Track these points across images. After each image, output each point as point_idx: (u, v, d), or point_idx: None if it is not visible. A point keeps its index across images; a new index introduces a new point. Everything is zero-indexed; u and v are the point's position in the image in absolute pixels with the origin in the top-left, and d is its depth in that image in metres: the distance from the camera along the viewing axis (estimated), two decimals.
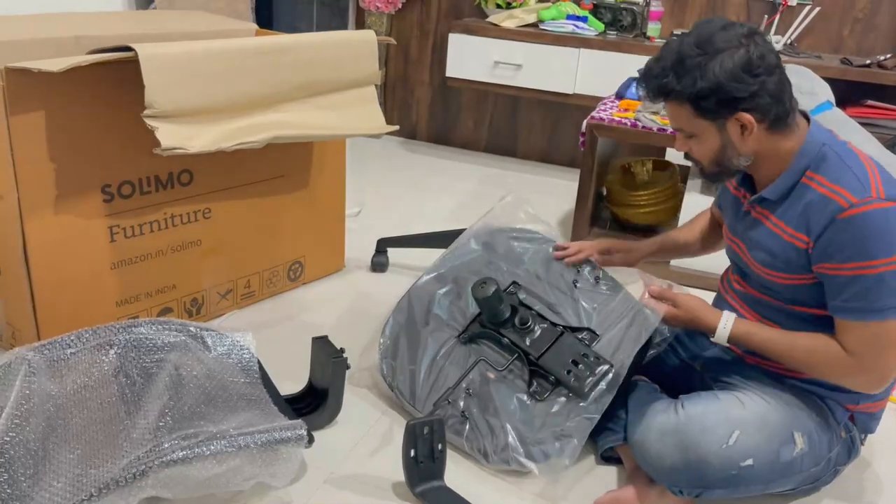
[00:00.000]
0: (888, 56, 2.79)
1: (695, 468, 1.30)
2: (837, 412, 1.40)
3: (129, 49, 1.48)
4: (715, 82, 1.24)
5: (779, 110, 1.29)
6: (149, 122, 1.48)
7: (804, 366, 1.35)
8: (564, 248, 1.69)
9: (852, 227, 1.23)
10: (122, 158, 1.66)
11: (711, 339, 1.42)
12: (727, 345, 1.42)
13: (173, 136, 1.53)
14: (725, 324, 1.39)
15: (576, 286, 1.64)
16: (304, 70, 1.76)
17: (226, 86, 1.63)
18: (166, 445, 1.25)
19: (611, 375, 1.48)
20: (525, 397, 1.51)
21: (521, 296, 1.64)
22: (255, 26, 2.24)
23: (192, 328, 1.55)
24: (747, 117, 1.27)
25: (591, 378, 1.47)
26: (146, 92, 1.46)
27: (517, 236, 1.76)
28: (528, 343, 1.55)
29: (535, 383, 1.52)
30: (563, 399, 1.49)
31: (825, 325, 1.33)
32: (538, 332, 1.57)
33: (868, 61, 2.77)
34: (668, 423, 1.35)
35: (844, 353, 1.29)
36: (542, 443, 1.45)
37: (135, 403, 1.40)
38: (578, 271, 1.67)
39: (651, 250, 1.70)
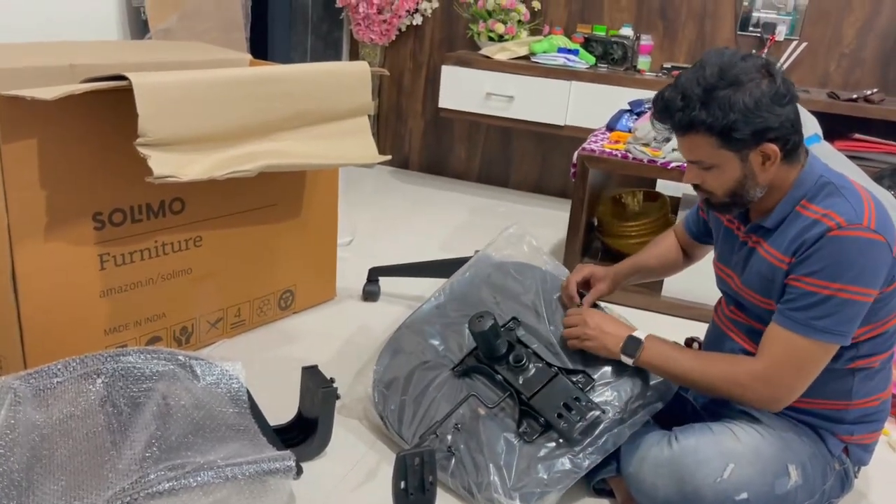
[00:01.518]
0: (874, 91, 2.83)
1: (689, 501, 1.29)
2: (831, 443, 1.40)
3: (123, 78, 1.49)
4: (746, 113, 1.23)
5: (796, 140, 1.30)
6: (141, 150, 1.48)
7: (713, 377, 1.35)
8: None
9: (834, 246, 1.24)
10: (114, 186, 1.66)
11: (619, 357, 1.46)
12: (628, 362, 1.46)
13: (166, 165, 1.53)
14: (626, 356, 1.44)
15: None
16: (298, 100, 1.77)
17: (219, 115, 1.64)
18: (152, 476, 1.23)
19: (602, 422, 1.45)
20: (513, 437, 1.48)
21: (520, 333, 1.62)
22: (250, 56, 2.25)
23: (180, 357, 1.53)
24: (773, 147, 1.27)
25: (580, 423, 1.44)
26: (139, 120, 1.46)
27: (519, 270, 1.75)
28: (520, 382, 1.53)
29: (524, 423, 1.50)
30: (552, 444, 1.46)
31: None
32: (532, 372, 1.54)
33: (855, 95, 2.81)
34: (662, 455, 1.34)
35: (757, 364, 1.31)
36: (524, 488, 1.42)
37: (121, 433, 1.38)
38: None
39: (628, 272, 1.70)
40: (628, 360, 1.45)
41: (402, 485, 1.38)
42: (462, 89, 3.24)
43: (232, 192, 1.89)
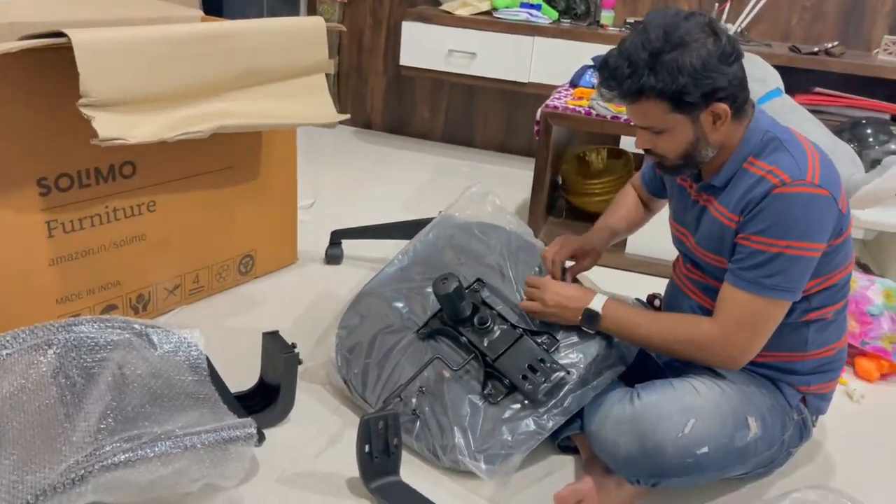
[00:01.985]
0: (835, 44, 2.83)
1: (651, 457, 1.30)
2: (789, 394, 1.42)
3: (62, 35, 1.41)
4: (695, 75, 1.21)
5: (744, 97, 1.29)
6: (85, 111, 1.42)
7: (673, 338, 1.37)
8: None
9: (779, 203, 1.24)
10: (59, 150, 1.59)
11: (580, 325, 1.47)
12: (591, 329, 1.46)
13: (112, 127, 1.47)
14: (598, 302, 1.44)
15: None
16: (250, 57, 1.71)
17: (167, 73, 1.57)
18: (107, 448, 1.20)
19: (567, 384, 1.45)
20: (478, 399, 1.47)
21: (485, 294, 1.61)
22: (201, 13, 2.17)
23: (136, 325, 1.50)
24: (723, 107, 1.26)
25: (545, 385, 1.44)
26: (81, 79, 1.40)
27: (483, 230, 1.72)
28: (485, 344, 1.52)
29: (489, 385, 1.49)
30: (516, 406, 1.46)
31: None
32: (497, 334, 1.53)
33: (816, 49, 2.81)
34: (624, 413, 1.35)
35: (710, 325, 1.33)
36: (489, 449, 1.42)
37: (75, 405, 1.34)
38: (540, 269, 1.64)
39: (608, 240, 1.69)
40: (590, 331, 1.47)
41: (367, 448, 1.37)
42: (423, 46, 3.17)
43: (185, 155, 1.82)
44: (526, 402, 1.46)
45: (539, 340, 1.51)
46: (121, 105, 1.50)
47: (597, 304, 1.44)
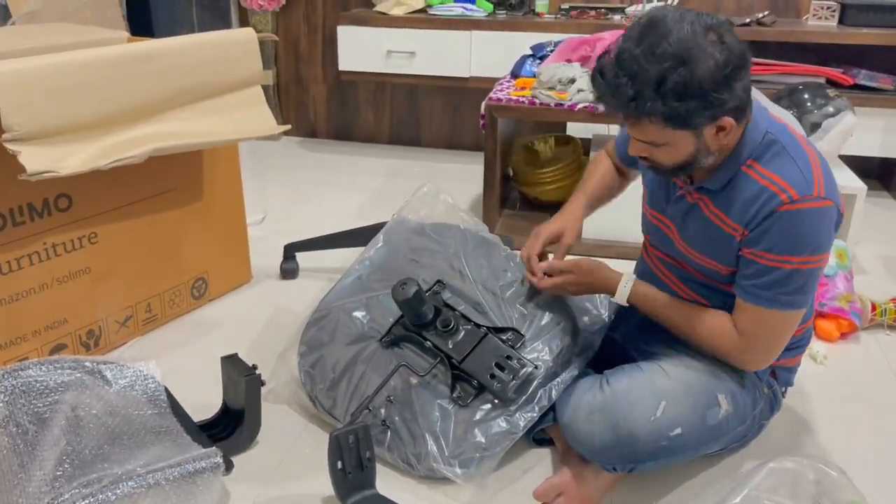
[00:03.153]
0: (766, 13, 2.88)
1: (626, 444, 1.29)
2: (759, 371, 1.42)
3: None
4: (704, 97, 1.13)
5: (748, 104, 1.22)
6: (9, 146, 1.36)
7: (695, 335, 1.36)
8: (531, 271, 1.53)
9: (788, 221, 1.21)
10: None
11: (611, 299, 1.45)
12: (626, 304, 1.42)
13: (40, 160, 1.41)
14: (626, 283, 1.40)
15: (506, 278, 1.58)
16: (180, 75, 1.65)
17: (95, 99, 1.51)
18: (66, 496, 1.15)
19: (536, 379, 1.43)
20: (448, 403, 1.45)
21: (446, 295, 1.58)
22: (127, 34, 2.10)
23: (87, 363, 1.44)
24: (729, 121, 1.19)
25: (514, 382, 1.42)
26: (2, 114, 1.34)
27: (437, 231, 1.69)
28: (450, 346, 1.49)
29: (458, 388, 1.46)
30: (487, 406, 1.43)
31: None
32: (461, 335, 1.50)
33: (748, 20, 2.85)
34: (595, 401, 1.34)
35: (734, 332, 1.31)
36: (463, 454, 1.39)
37: (29, 454, 1.28)
38: (509, 266, 1.60)
39: (586, 213, 1.61)
40: (625, 290, 1.42)
41: (340, 465, 1.33)
42: (361, 49, 3.14)
43: (124, 182, 1.76)
44: (496, 401, 1.43)
45: (504, 337, 1.49)
46: (48, 136, 1.44)
47: (621, 295, 1.41)
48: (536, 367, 1.44)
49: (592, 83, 1.23)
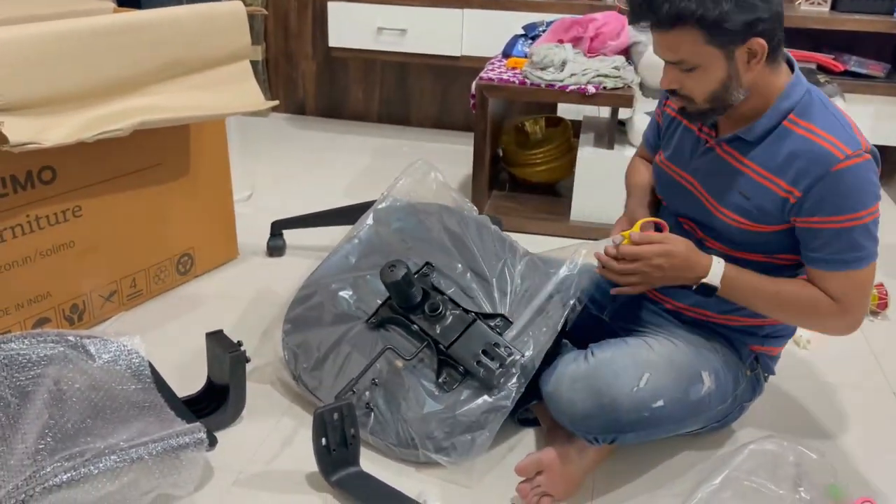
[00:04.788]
0: None
1: (607, 413, 1.29)
2: (743, 352, 1.43)
3: None
4: (738, 1, 1.13)
5: (781, 37, 1.21)
6: None
7: (788, 311, 1.32)
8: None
9: (846, 179, 1.20)
10: None
11: (703, 281, 1.29)
12: (717, 284, 1.29)
13: (23, 130, 1.39)
14: (718, 264, 1.30)
15: (497, 262, 1.58)
16: (168, 48, 1.63)
17: (80, 70, 1.49)
18: (48, 469, 1.14)
19: (521, 366, 1.42)
20: (434, 388, 1.44)
21: (434, 278, 1.57)
22: (113, 5, 2.07)
23: (70, 337, 1.43)
24: (761, 42, 1.17)
25: (500, 370, 1.41)
26: None
27: (427, 211, 1.68)
28: (437, 331, 1.48)
29: (444, 373, 1.46)
30: (471, 391, 1.43)
31: (769, 272, 1.32)
32: (449, 320, 1.49)
33: None
34: (578, 370, 1.34)
35: (829, 299, 1.27)
36: (451, 436, 1.39)
37: (10, 427, 1.27)
38: (500, 250, 1.60)
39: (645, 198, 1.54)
40: (719, 269, 1.30)
41: (324, 442, 1.34)
42: (352, 26, 3.10)
43: (109, 155, 1.74)
44: (481, 386, 1.43)
45: (492, 324, 1.49)
46: (31, 107, 1.42)
47: (714, 277, 1.29)
48: (523, 355, 1.43)
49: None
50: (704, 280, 1.29)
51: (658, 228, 1.41)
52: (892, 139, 2.79)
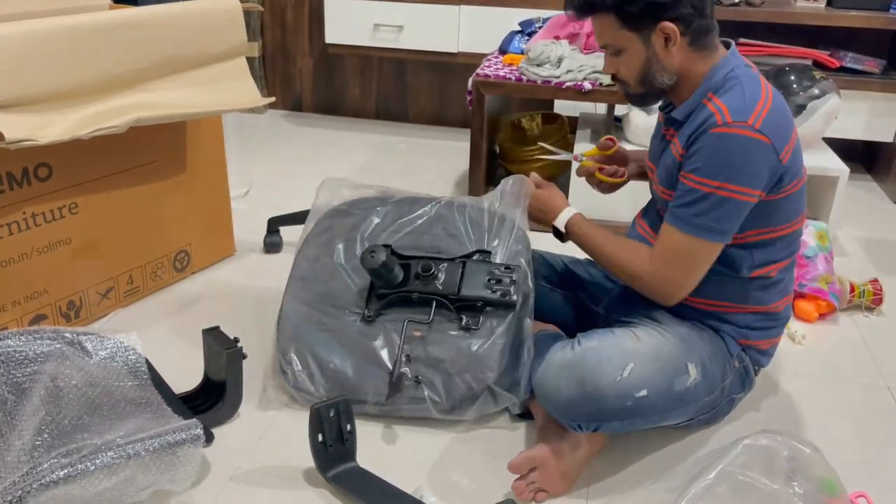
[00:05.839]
0: None
1: (591, 400, 1.30)
2: (731, 344, 1.44)
3: None
4: None
5: (700, 23, 1.30)
6: None
7: (613, 266, 1.44)
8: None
9: (716, 143, 1.26)
10: None
11: (553, 224, 1.52)
12: (561, 229, 1.51)
13: (20, 128, 1.39)
14: (568, 212, 1.50)
15: (435, 214, 1.67)
16: (164, 45, 1.63)
17: (76, 67, 1.49)
18: (45, 465, 1.15)
19: (526, 274, 1.54)
20: (463, 334, 1.50)
21: (401, 252, 1.62)
22: (108, 1, 2.06)
23: (67, 334, 1.43)
24: (671, 27, 1.28)
25: (513, 285, 1.51)
26: None
27: (354, 205, 1.72)
28: (441, 286, 1.54)
29: (463, 318, 1.52)
30: (497, 318, 1.51)
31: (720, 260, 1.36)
32: (444, 273, 1.56)
33: (737, 0, 2.84)
34: (565, 358, 1.35)
35: (647, 260, 1.37)
36: (513, 367, 1.48)
37: (7, 423, 1.28)
38: (435, 206, 1.68)
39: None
40: (564, 217, 1.52)
41: (320, 438, 1.34)
42: (349, 22, 3.10)
43: (105, 152, 1.74)
44: (500, 310, 1.51)
45: (476, 258, 1.58)
46: (28, 104, 1.43)
47: (561, 220, 1.51)
48: (519, 266, 1.54)
49: None
50: (554, 223, 1.52)
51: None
52: (887, 135, 2.80)
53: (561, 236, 1.54)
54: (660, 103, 1.46)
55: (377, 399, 1.48)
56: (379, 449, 1.46)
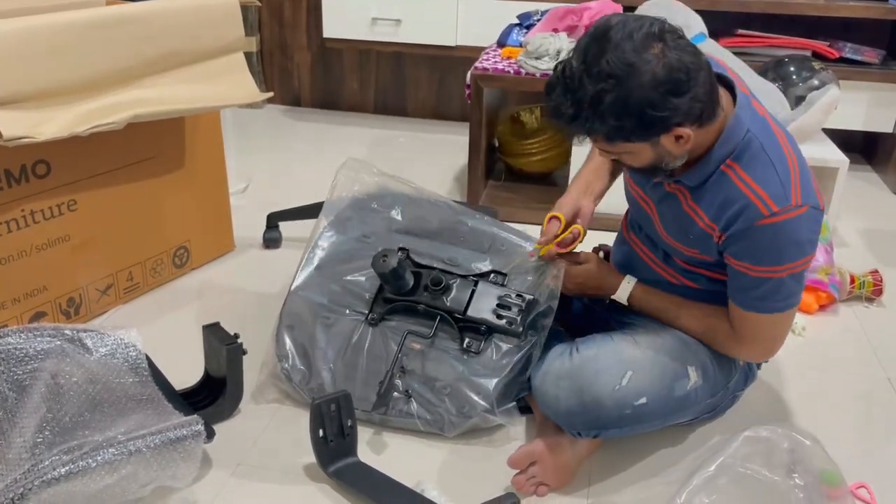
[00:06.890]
0: None
1: (590, 410, 1.30)
2: None
3: None
4: (642, 116, 1.11)
5: (710, 110, 1.18)
6: None
7: (690, 333, 1.40)
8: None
9: (769, 234, 1.21)
10: None
11: (612, 297, 1.48)
12: (623, 302, 1.47)
13: (17, 125, 1.39)
14: (628, 282, 1.46)
15: (463, 229, 1.63)
16: (161, 40, 1.63)
17: (73, 63, 1.49)
18: (46, 463, 1.15)
19: (539, 306, 1.48)
20: (463, 355, 1.48)
21: (416, 259, 1.59)
22: None
23: (67, 331, 1.43)
24: (683, 131, 1.16)
25: (521, 315, 1.47)
26: None
27: (378, 201, 1.70)
28: (448, 303, 1.51)
29: (466, 339, 1.49)
30: (501, 344, 1.48)
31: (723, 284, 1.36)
32: (454, 289, 1.52)
33: None
34: (563, 367, 1.35)
35: (729, 329, 1.35)
36: (505, 385, 1.45)
37: (8, 421, 1.28)
38: (461, 217, 1.65)
39: (602, 195, 1.58)
40: (625, 291, 1.48)
41: (321, 433, 1.34)
42: (346, 16, 3.09)
43: (103, 149, 1.74)
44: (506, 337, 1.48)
45: (492, 280, 1.54)
46: (25, 101, 1.42)
47: (621, 295, 1.47)
48: (533, 297, 1.48)
49: (545, 94, 1.20)
50: (613, 297, 1.47)
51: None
52: (886, 126, 2.79)
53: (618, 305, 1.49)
54: None
55: (363, 407, 1.45)
56: (379, 444, 1.46)
